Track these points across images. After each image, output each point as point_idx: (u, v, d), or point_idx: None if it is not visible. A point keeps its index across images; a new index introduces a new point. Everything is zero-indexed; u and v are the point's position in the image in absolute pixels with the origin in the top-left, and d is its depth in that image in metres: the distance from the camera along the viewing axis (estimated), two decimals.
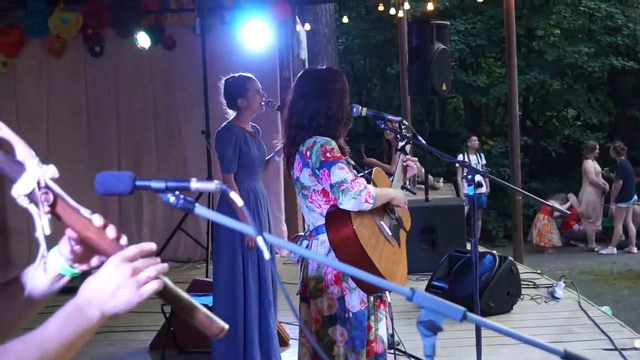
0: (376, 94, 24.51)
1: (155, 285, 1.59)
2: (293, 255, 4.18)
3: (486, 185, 15.58)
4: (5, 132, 1.56)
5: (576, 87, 21.58)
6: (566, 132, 20.94)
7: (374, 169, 4.13)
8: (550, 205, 4.77)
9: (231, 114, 5.64)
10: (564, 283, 8.17)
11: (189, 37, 9.94)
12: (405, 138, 4.21)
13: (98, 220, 1.66)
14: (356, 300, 3.87)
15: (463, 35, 20.54)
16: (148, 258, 1.62)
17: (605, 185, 15.69)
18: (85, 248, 1.72)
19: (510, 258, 7.73)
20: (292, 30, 10.59)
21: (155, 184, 1.64)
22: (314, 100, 3.95)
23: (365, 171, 4.06)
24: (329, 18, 18.14)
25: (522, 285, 7.84)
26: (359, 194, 3.66)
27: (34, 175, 1.55)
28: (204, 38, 8.70)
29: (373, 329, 3.98)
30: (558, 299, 7.87)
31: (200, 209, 1.63)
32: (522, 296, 7.77)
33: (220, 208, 5.58)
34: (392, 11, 13.84)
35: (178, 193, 1.64)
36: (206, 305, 5.76)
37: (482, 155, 16.77)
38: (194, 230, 9.89)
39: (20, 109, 10.43)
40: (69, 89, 10.48)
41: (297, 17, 10.92)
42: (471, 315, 1.57)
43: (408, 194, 4.86)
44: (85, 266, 1.77)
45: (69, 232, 1.67)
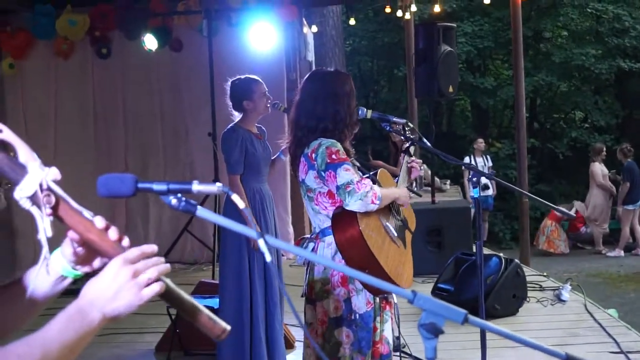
0: (383, 95, 24.49)
1: (156, 288, 1.60)
2: (299, 257, 4.18)
3: (493, 187, 15.57)
4: (7, 135, 1.57)
5: (583, 89, 21.53)
6: (573, 135, 20.90)
7: (379, 170, 4.13)
8: (553, 207, 4.74)
9: (237, 115, 5.64)
10: (570, 286, 8.14)
11: (196, 39, 9.94)
12: (410, 140, 4.22)
13: (100, 222, 1.66)
14: (362, 302, 3.86)
15: (470, 37, 20.52)
16: (150, 259, 1.62)
17: (612, 187, 15.66)
18: (87, 250, 1.72)
19: (516, 261, 7.72)
20: (299, 32, 10.61)
21: (157, 186, 1.64)
22: (322, 102, 3.94)
23: (371, 172, 4.05)
24: (336, 20, 18.16)
25: (528, 288, 7.83)
26: (366, 195, 3.66)
27: (36, 177, 1.56)
28: (211, 40, 8.70)
29: (378, 330, 3.97)
30: (564, 301, 7.85)
31: (202, 211, 1.64)
32: (528, 299, 7.75)
33: (227, 210, 5.59)
34: (399, 13, 13.84)
35: (180, 195, 1.65)
36: (212, 308, 5.77)
37: (489, 157, 16.77)
38: (200, 232, 9.89)
39: (28, 111, 10.47)
40: (77, 91, 10.51)
41: (304, 19, 10.93)
42: (472, 318, 1.58)
43: (413, 195, 4.87)
44: (87, 268, 1.77)
45: (71, 234, 1.68)
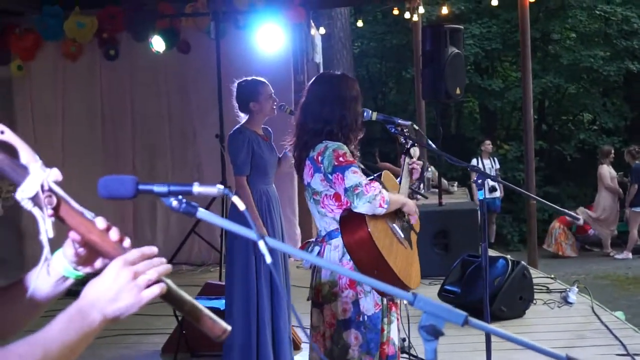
0: (392, 97, 24.48)
1: (156, 290, 1.60)
2: (305, 262, 4.19)
3: (500, 189, 15.56)
4: (9, 136, 1.58)
5: (592, 91, 21.48)
6: (581, 137, 20.86)
7: (383, 172, 4.14)
8: (558, 209, 4.73)
9: (243, 117, 5.65)
10: (577, 288, 8.13)
11: (204, 41, 9.96)
12: (411, 140, 4.23)
13: (101, 222, 1.67)
14: (370, 304, 3.87)
15: (478, 39, 20.50)
16: (150, 260, 1.63)
17: (620, 190, 15.62)
18: (89, 250, 1.73)
19: (523, 262, 7.71)
20: (307, 34, 10.61)
21: (157, 188, 1.65)
22: (329, 106, 3.95)
23: (375, 174, 4.06)
24: (344, 22, 18.19)
25: (535, 290, 7.82)
26: (374, 197, 3.67)
27: (37, 178, 1.56)
28: (218, 42, 8.71)
29: (385, 331, 3.98)
30: (571, 303, 7.84)
31: (203, 212, 1.64)
32: (535, 301, 7.74)
33: (232, 212, 5.60)
34: (407, 15, 13.84)
35: (181, 197, 1.65)
36: (218, 309, 5.77)
37: (496, 159, 16.76)
38: (208, 234, 9.88)
39: (36, 112, 10.52)
40: (85, 93, 10.54)
41: (312, 21, 10.94)
42: (473, 320, 1.58)
43: (420, 197, 4.88)
44: (89, 268, 1.78)
45: (73, 235, 1.69)
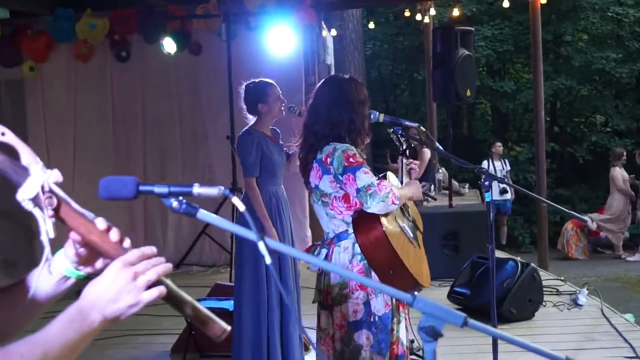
0: (403, 99, 24.44)
1: (155, 292, 1.62)
2: (312, 265, 4.20)
3: (511, 191, 15.53)
4: (10, 138, 1.59)
5: (604, 93, 21.39)
6: (594, 139, 20.75)
7: (387, 172, 4.18)
8: (567, 212, 4.73)
9: (251, 119, 5.66)
10: (587, 290, 8.11)
11: (215, 43, 9.95)
12: (412, 140, 4.27)
13: (101, 223, 1.69)
14: (381, 304, 3.88)
15: (490, 40, 20.44)
16: (150, 260, 1.64)
17: (632, 192, 15.57)
18: (89, 251, 1.75)
19: (532, 264, 7.70)
20: (318, 35, 10.61)
21: (158, 189, 1.66)
22: (336, 109, 3.96)
23: (380, 175, 4.08)
24: (356, 23, 18.16)
25: (545, 292, 7.82)
26: (387, 196, 3.72)
27: (38, 179, 1.58)
28: (229, 43, 8.72)
29: (395, 331, 4.00)
30: (581, 306, 7.81)
31: (203, 213, 1.65)
32: (545, 303, 7.72)
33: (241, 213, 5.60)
34: (419, 17, 13.84)
35: (181, 198, 1.66)
36: (227, 310, 5.77)
37: (507, 161, 16.71)
38: (218, 235, 9.91)
39: (48, 114, 10.57)
40: (96, 94, 10.58)
41: (324, 23, 10.94)
42: (472, 322, 1.59)
43: (430, 199, 4.90)
44: (90, 268, 1.80)
45: (73, 235, 1.70)
